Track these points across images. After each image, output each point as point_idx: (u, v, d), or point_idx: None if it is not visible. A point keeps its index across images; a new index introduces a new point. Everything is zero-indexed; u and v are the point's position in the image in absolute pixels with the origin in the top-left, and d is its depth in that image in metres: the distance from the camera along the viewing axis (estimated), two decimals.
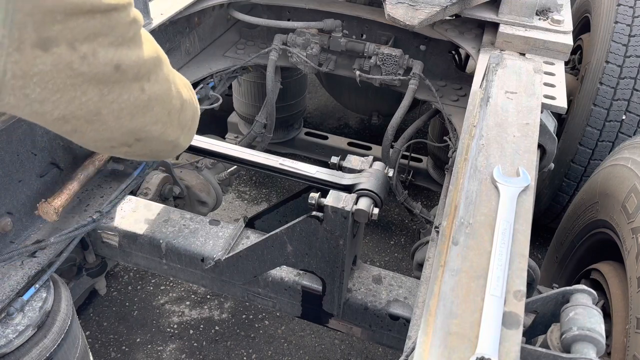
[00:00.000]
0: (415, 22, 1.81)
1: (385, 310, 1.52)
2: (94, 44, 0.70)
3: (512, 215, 1.04)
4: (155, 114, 0.88)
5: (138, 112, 0.83)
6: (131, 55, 0.76)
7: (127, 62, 0.75)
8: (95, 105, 0.75)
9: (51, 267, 1.42)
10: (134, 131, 0.86)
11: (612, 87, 2.14)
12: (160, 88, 0.86)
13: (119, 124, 0.82)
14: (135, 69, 0.77)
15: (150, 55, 0.82)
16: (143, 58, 0.79)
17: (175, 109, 0.93)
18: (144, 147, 0.93)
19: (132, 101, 0.80)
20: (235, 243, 1.63)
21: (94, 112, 0.76)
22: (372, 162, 1.45)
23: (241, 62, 2.38)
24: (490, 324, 0.84)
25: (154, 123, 0.88)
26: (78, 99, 0.73)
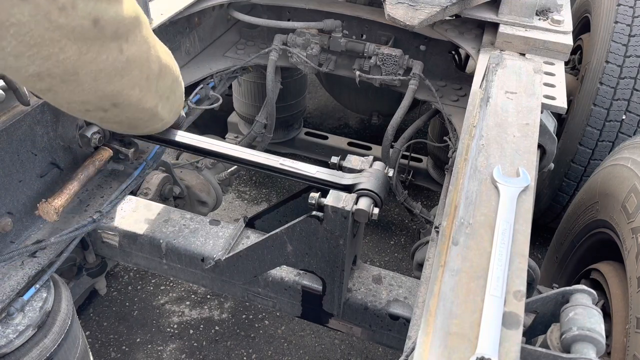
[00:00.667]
0: (415, 22, 1.81)
1: (385, 310, 1.52)
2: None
3: (512, 216, 1.04)
4: (134, 78, 0.84)
5: (116, 74, 0.80)
6: (110, 10, 0.72)
7: (106, 18, 0.72)
8: (73, 65, 0.72)
9: (51, 267, 1.42)
10: (110, 95, 0.83)
11: (612, 87, 2.14)
12: (138, 50, 0.83)
13: (95, 86, 0.78)
14: (113, 26, 0.74)
15: (130, 14, 0.79)
16: (122, 15, 0.76)
17: (153, 73, 0.89)
18: (120, 114, 0.89)
19: (110, 62, 0.77)
20: (235, 243, 1.63)
21: (71, 72, 0.72)
22: (372, 162, 1.45)
23: (241, 62, 2.38)
24: (490, 324, 0.84)
25: (131, 87, 0.85)
26: (55, 55, 0.69)
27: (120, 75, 0.81)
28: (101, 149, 1.63)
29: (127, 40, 0.79)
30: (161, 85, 0.93)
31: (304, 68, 2.35)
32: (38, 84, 0.74)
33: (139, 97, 0.88)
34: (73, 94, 0.77)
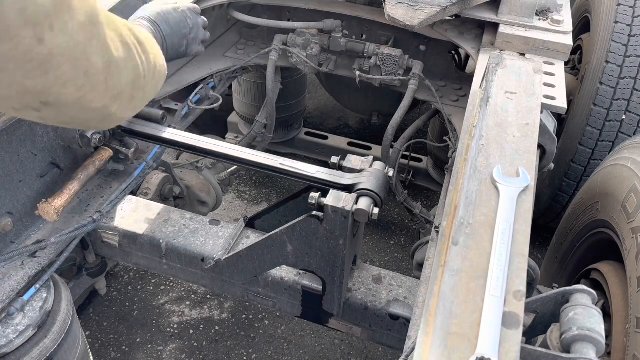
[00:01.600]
0: (415, 22, 1.81)
1: (385, 310, 1.52)
2: None
3: (512, 216, 1.04)
4: (63, 74, 0.70)
5: (34, 68, 0.67)
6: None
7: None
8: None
9: (51, 267, 1.42)
10: (34, 92, 0.70)
11: (612, 87, 2.14)
12: (70, 41, 0.69)
13: (7, 78, 0.66)
14: (17, 7, 0.61)
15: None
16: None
17: (96, 69, 0.75)
18: (58, 114, 0.77)
19: (22, 52, 0.64)
20: (235, 243, 1.63)
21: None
22: (372, 162, 1.45)
23: (241, 63, 2.38)
24: (490, 324, 0.84)
25: (62, 85, 0.71)
26: None
27: (43, 71, 0.67)
28: (101, 149, 1.63)
29: (51, 28, 0.65)
30: (112, 82, 0.79)
31: (304, 68, 2.36)
32: None
33: (78, 96, 0.75)
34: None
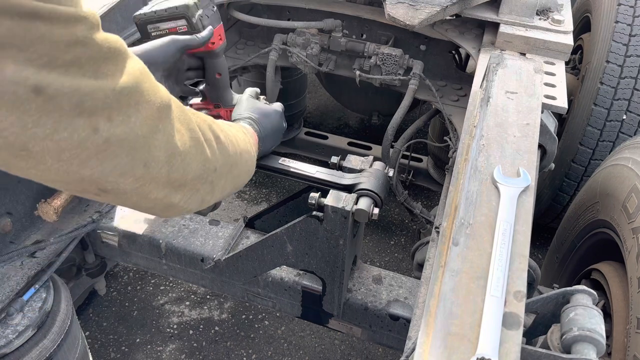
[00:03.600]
0: (415, 22, 1.81)
1: (386, 311, 1.52)
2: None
3: (513, 216, 1.04)
4: (121, 164, 0.70)
5: (90, 157, 0.66)
6: (65, 81, 0.60)
7: (57, 87, 0.60)
8: (18, 137, 0.60)
9: (51, 267, 1.42)
10: (91, 181, 0.70)
11: (613, 87, 2.14)
12: (129, 132, 0.69)
13: (64, 167, 0.66)
14: (74, 98, 0.62)
15: (118, 88, 0.66)
16: (95, 88, 0.64)
17: (157, 162, 0.75)
18: (118, 200, 0.76)
19: (77, 141, 0.64)
20: (235, 243, 1.63)
21: (19, 146, 0.61)
22: (372, 162, 1.45)
23: (241, 62, 2.38)
24: (490, 325, 0.84)
25: (119, 175, 0.71)
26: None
27: (99, 160, 0.67)
28: None
29: (109, 119, 0.66)
30: (175, 175, 0.78)
31: (304, 68, 2.35)
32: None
33: (136, 186, 0.74)
34: (39, 171, 0.65)
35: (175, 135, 0.78)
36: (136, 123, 0.70)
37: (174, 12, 1.18)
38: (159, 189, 0.78)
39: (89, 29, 0.63)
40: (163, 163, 0.76)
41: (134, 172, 0.73)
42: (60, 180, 0.68)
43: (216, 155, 0.89)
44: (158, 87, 0.76)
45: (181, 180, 0.81)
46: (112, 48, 0.66)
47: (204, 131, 0.87)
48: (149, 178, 0.75)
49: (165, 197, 0.80)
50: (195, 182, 0.84)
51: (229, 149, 0.94)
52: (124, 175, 0.72)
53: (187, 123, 0.82)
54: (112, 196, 0.75)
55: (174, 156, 0.78)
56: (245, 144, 1.05)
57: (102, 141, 0.66)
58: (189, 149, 0.81)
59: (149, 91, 0.72)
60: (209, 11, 1.22)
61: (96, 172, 0.68)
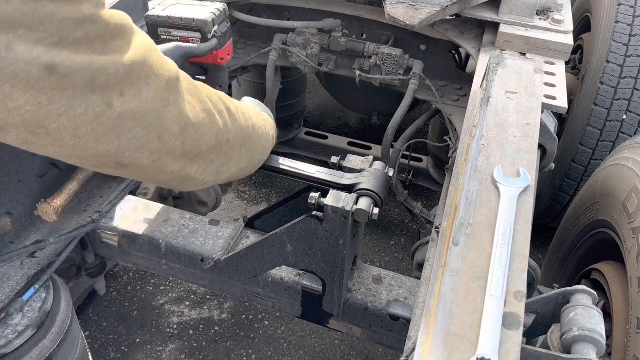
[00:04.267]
0: (415, 22, 1.81)
1: (386, 311, 1.52)
2: (9, 36, 0.56)
3: (513, 216, 1.04)
4: (136, 138, 0.72)
5: (106, 133, 0.68)
6: (76, 58, 0.62)
7: (68, 64, 0.61)
8: (34, 116, 0.62)
9: (51, 267, 1.42)
10: (109, 156, 0.71)
11: (613, 87, 2.14)
12: (142, 106, 0.70)
13: (81, 143, 0.67)
14: (86, 75, 0.63)
15: (128, 62, 0.68)
16: (106, 63, 0.65)
17: (171, 134, 0.77)
18: (136, 173, 0.78)
19: (92, 117, 0.65)
20: (235, 243, 1.63)
21: (35, 124, 0.62)
22: (372, 162, 1.45)
23: (241, 62, 2.38)
24: (490, 325, 0.84)
25: (136, 149, 0.73)
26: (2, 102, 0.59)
27: (115, 135, 0.69)
28: None
29: (121, 94, 0.67)
30: (189, 147, 0.80)
31: (304, 68, 2.35)
32: (7, 137, 0.65)
33: (153, 159, 0.76)
34: (57, 148, 0.67)
35: (187, 107, 0.79)
36: (148, 96, 0.71)
37: (190, 23, 1.18)
38: (175, 162, 0.79)
39: (95, 6, 0.64)
40: (177, 135, 0.78)
41: (150, 146, 0.74)
42: (78, 155, 0.70)
43: (228, 127, 0.90)
44: (166, 61, 0.77)
45: (196, 151, 0.82)
46: (119, 24, 0.68)
47: (215, 103, 0.88)
48: (165, 151, 0.77)
49: (182, 169, 0.82)
50: (210, 152, 0.85)
51: (241, 121, 0.95)
52: (140, 149, 0.73)
53: (197, 95, 0.83)
54: (130, 170, 0.76)
55: (187, 128, 0.79)
56: (259, 119, 1.05)
57: (117, 116, 0.68)
58: (201, 120, 0.82)
59: (158, 65, 0.74)
60: (223, 27, 1.23)
61: (113, 147, 0.70)
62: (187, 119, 0.79)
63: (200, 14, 1.19)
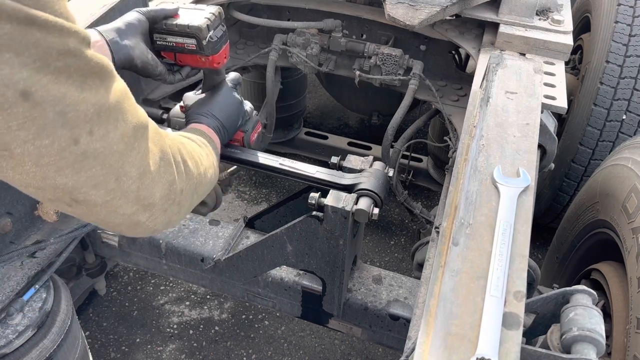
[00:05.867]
0: (415, 22, 1.81)
1: (386, 311, 1.52)
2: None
3: (512, 216, 1.04)
4: (95, 176, 0.72)
5: (67, 166, 0.69)
6: (52, 88, 0.63)
7: (43, 94, 0.62)
8: (2, 137, 0.62)
9: (51, 267, 1.42)
10: (65, 189, 0.72)
11: (613, 87, 2.14)
12: (106, 147, 0.72)
13: (41, 172, 0.68)
14: (57, 107, 0.64)
15: (101, 101, 0.69)
16: (80, 99, 0.66)
17: (129, 177, 0.78)
18: (88, 212, 0.79)
19: (56, 150, 0.66)
20: (235, 243, 1.63)
21: (1, 145, 0.63)
22: (372, 162, 1.45)
23: (241, 62, 2.38)
24: (490, 325, 0.84)
25: (92, 186, 0.73)
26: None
27: (74, 170, 0.70)
28: None
29: (90, 133, 0.68)
30: (144, 193, 0.81)
31: (304, 68, 2.35)
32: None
33: (107, 199, 0.76)
34: (17, 174, 0.67)
35: (149, 155, 0.82)
36: (114, 139, 0.73)
37: (184, 30, 1.18)
38: (127, 205, 0.81)
39: (80, 42, 0.66)
40: (134, 179, 0.79)
41: (106, 185, 0.76)
42: (35, 185, 0.71)
43: (183, 177, 0.93)
44: (137, 108, 0.79)
45: (150, 198, 0.84)
46: (100, 64, 0.70)
47: (174, 154, 0.91)
48: (120, 192, 0.78)
49: (134, 214, 0.83)
50: (163, 202, 0.87)
51: (193, 170, 0.98)
52: (96, 186, 0.74)
53: (160, 145, 0.86)
54: (83, 208, 0.77)
55: (145, 174, 0.81)
56: (208, 159, 1.08)
57: (81, 152, 0.69)
58: (158, 169, 0.84)
59: (129, 111, 0.76)
60: (219, 31, 1.22)
61: (70, 181, 0.71)
62: (146, 166, 0.81)
63: (194, 20, 1.18)
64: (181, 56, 1.24)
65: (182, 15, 1.21)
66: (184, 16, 1.20)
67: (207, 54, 1.21)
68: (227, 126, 1.29)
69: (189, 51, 1.21)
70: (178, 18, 1.20)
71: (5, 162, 0.66)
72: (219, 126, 1.25)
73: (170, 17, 1.20)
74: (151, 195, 0.84)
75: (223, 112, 1.29)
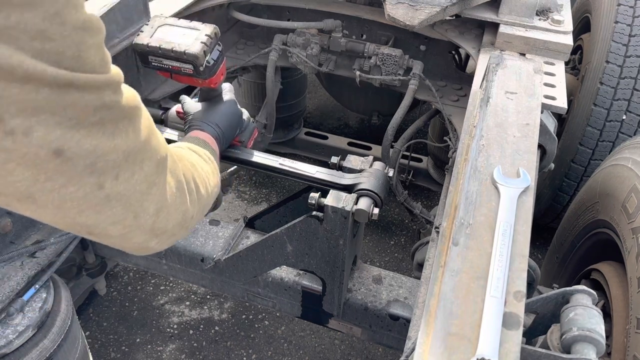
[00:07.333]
0: (415, 22, 1.81)
1: (386, 311, 1.52)
2: (31, 121, 0.56)
3: (513, 216, 1.04)
4: (115, 215, 0.73)
5: (89, 208, 0.69)
6: (85, 143, 0.62)
7: (76, 150, 0.61)
8: (27, 189, 0.62)
9: (51, 267, 1.42)
10: (82, 225, 0.72)
11: (613, 87, 2.14)
12: (130, 189, 0.72)
13: (62, 213, 0.68)
14: (88, 160, 0.63)
15: (130, 148, 0.68)
16: (111, 149, 0.65)
17: (146, 214, 0.78)
18: (103, 240, 0.79)
19: (81, 196, 0.66)
20: (235, 243, 1.63)
21: (26, 195, 0.63)
22: (372, 162, 1.45)
23: (241, 62, 2.38)
24: (490, 325, 0.84)
25: (111, 224, 0.74)
26: (2, 177, 0.59)
27: (97, 211, 0.70)
28: None
29: (116, 177, 0.69)
30: (158, 224, 0.82)
31: (304, 68, 2.35)
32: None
33: (122, 232, 0.77)
34: (35, 214, 0.68)
35: (167, 188, 0.81)
36: (138, 180, 0.73)
37: (181, 56, 1.17)
38: (141, 235, 0.81)
39: (114, 92, 0.65)
40: (151, 215, 0.79)
41: (124, 222, 0.75)
42: (54, 222, 0.71)
43: (195, 205, 0.92)
44: (160, 141, 0.78)
45: (163, 229, 0.84)
46: (133, 106, 0.68)
47: (188, 182, 0.90)
48: (136, 226, 0.78)
49: (145, 242, 0.83)
50: (175, 229, 0.87)
51: (204, 195, 0.97)
52: (114, 224, 0.74)
53: (176, 174, 0.85)
54: (97, 238, 0.77)
55: (162, 209, 0.81)
56: (214, 176, 1.07)
57: (104, 196, 0.69)
58: (174, 201, 0.84)
59: (154, 147, 0.75)
60: (215, 53, 1.22)
61: (90, 220, 0.71)
62: (164, 200, 0.81)
63: (191, 47, 1.16)
64: (177, 77, 1.25)
65: (177, 37, 1.20)
66: (180, 39, 1.19)
67: (204, 77, 1.22)
68: (226, 135, 1.30)
69: (185, 74, 1.22)
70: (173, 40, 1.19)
71: (27, 206, 0.66)
72: (220, 135, 1.26)
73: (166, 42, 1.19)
74: (165, 226, 0.84)
75: (225, 121, 1.31)
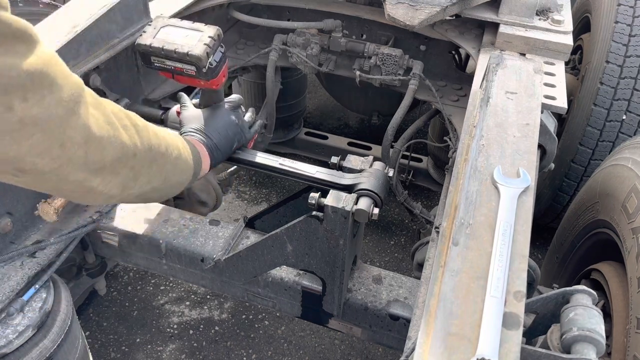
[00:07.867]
0: (415, 22, 1.81)
1: (386, 311, 1.52)
2: None
3: (513, 216, 1.04)
4: (37, 144, 0.71)
5: (4, 134, 0.68)
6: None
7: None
8: None
9: (51, 267, 1.42)
10: (7, 159, 0.71)
11: (613, 87, 2.14)
12: (44, 112, 0.70)
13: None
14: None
15: (31, 68, 0.68)
16: (9, 66, 0.65)
17: (73, 143, 0.76)
18: (37, 181, 0.78)
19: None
20: (235, 243, 1.63)
21: None
22: (372, 162, 1.45)
23: (241, 62, 2.38)
24: (490, 325, 0.84)
25: (36, 154, 0.72)
26: None
27: (13, 139, 0.68)
28: None
29: (24, 99, 0.67)
30: (92, 157, 0.80)
31: (304, 68, 2.35)
32: None
33: (54, 166, 0.75)
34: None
35: (90, 119, 0.80)
36: (51, 104, 0.71)
37: (184, 58, 1.17)
38: (77, 171, 0.79)
39: (6, 9, 0.64)
40: (80, 144, 0.78)
41: (51, 152, 0.74)
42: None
43: (135, 141, 0.90)
44: (70, 74, 0.77)
45: (100, 162, 0.82)
46: (23, 29, 0.68)
47: (119, 118, 0.89)
48: (66, 158, 0.76)
49: (85, 180, 0.82)
50: (114, 165, 0.85)
51: (150, 138, 0.95)
52: (40, 155, 0.73)
53: (101, 109, 0.84)
54: (30, 177, 0.76)
55: (90, 139, 0.79)
56: (174, 140, 1.05)
57: (17, 120, 0.68)
58: (105, 133, 0.83)
59: (62, 75, 0.74)
60: (218, 55, 1.22)
61: (12, 151, 0.70)
62: (90, 131, 0.79)
63: (194, 48, 1.16)
64: (179, 77, 1.25)
65: (180, 38, 1.20)
66: (182, 40, 1.19)
67: (207, 79, 1.21)
68: (220, 147, 1.28)
69: (187, 75, 1.21)
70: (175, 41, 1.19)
71: None
72: (212, 146, 1.25)
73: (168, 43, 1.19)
74: (101, 159, 0.82)
75: (219, 133, 1.29)
